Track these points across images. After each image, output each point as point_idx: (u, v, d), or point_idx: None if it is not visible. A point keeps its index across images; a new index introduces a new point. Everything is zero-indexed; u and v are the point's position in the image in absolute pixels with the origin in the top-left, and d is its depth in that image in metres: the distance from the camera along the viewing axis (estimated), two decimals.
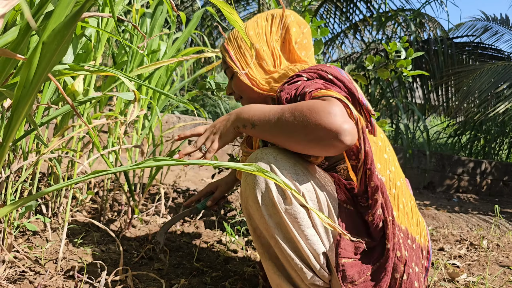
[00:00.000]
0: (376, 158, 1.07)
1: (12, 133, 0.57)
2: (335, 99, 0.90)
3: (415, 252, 1.05)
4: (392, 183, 1.09)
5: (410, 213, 1.12)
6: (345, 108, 0.90)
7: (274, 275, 1.01)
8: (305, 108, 0.89)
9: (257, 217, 0.97)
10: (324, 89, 0.95)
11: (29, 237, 1.53)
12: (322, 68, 1.02)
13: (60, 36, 0.51)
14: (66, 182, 0.59)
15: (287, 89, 1.00)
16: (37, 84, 0.54)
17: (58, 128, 1.66)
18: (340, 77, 0.99)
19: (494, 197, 5.28)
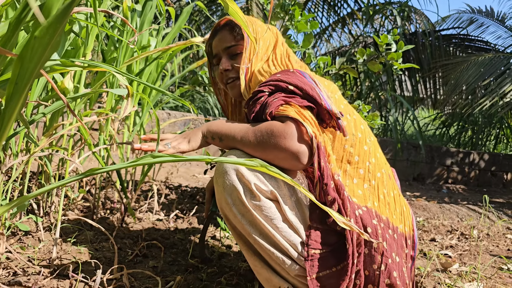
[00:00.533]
0: (355, 150, 1.11)
1: (5, 132, 0.55)
2: (291, 122, 0.97)
3: (396, 242, 1.07)
4: (372, 175, 1.12)
5: (393, 203, 1.14)
6: (300, 127, 0.97)
7: (262, 269, 1.03)
8: (264, 131, 0.99)
9: (232, 217, 1.01)
10: (284, 104, 1.01)
11: (21, 237, 1.51)
12: (282, 78, 1.04)
13: (52, 29, 0.50)
14: (61, 181, 0.57)
15: (251, 107, 1.06)
16: (29, 80, 0.53)
17: (48, 127, 1.63)
18: (301, 86, 1.02)
19: (482, 187, 5.36)
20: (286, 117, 0.99)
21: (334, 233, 1.01)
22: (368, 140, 1.15)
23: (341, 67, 1.82)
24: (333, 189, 1.00)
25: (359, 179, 1.10)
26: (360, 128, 1.15)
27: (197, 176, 3.47)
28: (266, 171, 0.66)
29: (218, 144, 1.10)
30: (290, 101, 1.01)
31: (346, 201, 0.99)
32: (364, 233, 0.76)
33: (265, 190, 0.98)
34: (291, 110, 0.99)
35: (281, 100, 1.01)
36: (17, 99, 0.53)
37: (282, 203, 0.99)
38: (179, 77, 1.95)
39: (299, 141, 0.96)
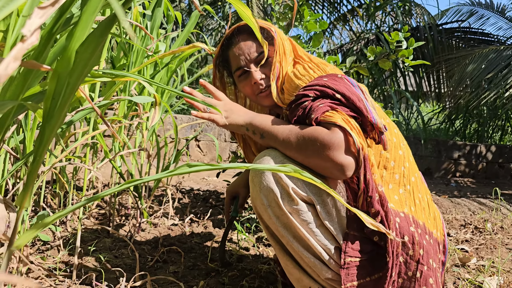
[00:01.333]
0: (391, 155, 1.08)
1: (45, 147, 0.55)
2: (338, 129, 0.92)
3: (432, 247, 1.05)
4: (407, 179, 1.10)
5: (427, 207, 1.12)
6: (348, 137, 0.92)
7: (294, 269, 1.03)
8: (308, 137, 0.94)
9: (266, 218, 1.00)
10: (330, 110, 0.96)
11: (39, 247, 1.51)
12: (330, 84, 0.98)
13: (94, 44, 0.50)
14: (102, 193, 0.57)
15: (293, 110, 1.01)
16: (70, 95, 0.53)
17: (61, 136, 1.64)
18: (349, 95, 0.96)
19: (491, 180, 5.34)
20: (333, 124, 0.93)
21: (370, 242, 0.99)
22: (402, 145, 1.13)
23: (351, 66, 1.82)
24: (378, 201, 0.97)
25: (394, 184, 1.07)
26: (394, 132, 1.12)
27: (207, 179, 3.47)
28: (299, 177, 0.65)
29: (258, 140, 1.05)
30: (336, 107, 0.96)
31: (389, 213, 0.97)
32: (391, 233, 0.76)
33: (303, 194, 0.96)
34: (338, 117, 0.94)
35: (327, 106, 0.96)
36: (58, 115, 0.53)
37: (320, 208, 0.97)
38: (189, 82, 1.95)
39: (345, 153, 0.91)
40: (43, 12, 0.43)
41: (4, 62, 0.39)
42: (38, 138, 0.55)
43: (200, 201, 2.50)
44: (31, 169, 0.54)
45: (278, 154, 1.00)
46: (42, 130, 0.55)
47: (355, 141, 0.91)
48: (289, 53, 1.14)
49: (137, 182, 0.55)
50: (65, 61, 0.53)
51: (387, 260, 0.95)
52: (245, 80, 1.16)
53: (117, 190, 0.55)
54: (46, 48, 0.62)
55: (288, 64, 1.12)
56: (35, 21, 0.41)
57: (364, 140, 0.96)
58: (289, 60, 1.13)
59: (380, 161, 1.06)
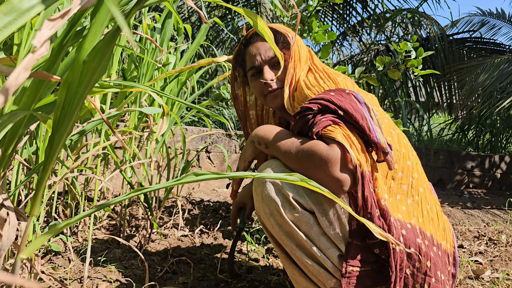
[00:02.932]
0: (399, 166, 1.07)
1: (54, 155, 0.56)
2: (336, 145, 0.93)
3: (441, 259, 1.03)
4: (415, 190, 1.09)
5: (436, 218, 1.11)
6: (345, 153, 0.92)
7: (300, 278, 1.03)
8: (307, 150, 0.95)
9: (270, 227, 1.01)
10: (333, 124, 0.96)
11: (51, 258, 1.52)
12: (335, 100, 0.98)
13: (101, 54, 0.51)
14: (109, 201, 0.58)
15: (297, 122, 1.03)
16: (78, 105, 0.54)
17: (73, 147, 1.66)
18: (352, 113, 0.96)
19: (505, 191, 5.25)
20: (333, 139, 0.94)
21: (374, 252, 0.99)
22: (411, 155, 1.12)
23: (361, 76, 1.82)
24: (379, 217, 0.96)
25: (402, 195, 1.06)
26: (403, 143, 1.11)
27: (217, 190, 3.48)
28: (306, 186, 0.65)
29: (265, 150, 1.08)
30: (339, 122, 0.96)
31: (392, 226, 0.96)
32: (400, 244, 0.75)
33: (304, 203, 0.96)
34: (338, 132, 0.94)
35: (329, 120, 0.97)
36: (67, 124, 0.54)
37: (320, 217, 0.97)
38: (200, 93, 1.97)
39: (341, 169, 0.92)
40: (53, 24, 0.44)
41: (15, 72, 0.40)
42: (47, 147, 0.56)
43: (210, 212, 2.50)
44: (41, 177, 0.55)
45: (279, 164, 1.01)
46: (51, 139, 0.56)
47: (352, 159, 0.91)
48: (305, 60, 1.14)
49: (144, 191, 0.55)
50: (74, 71, 0.55)
51: (390, 274, 0.95)
52: (256, 80, 1.19)
53: (124, 199, 0.56)
54: (57, 60, 0.63)
55: (302, 70, 1.13)
56: (45, 32, 0.43)
57: (365, 154, 0.96)
58: (304, 67, 1.14)
59: (388, 172, 1.05)
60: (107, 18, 0.55)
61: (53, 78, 0.58)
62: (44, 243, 0.57)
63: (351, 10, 6.79)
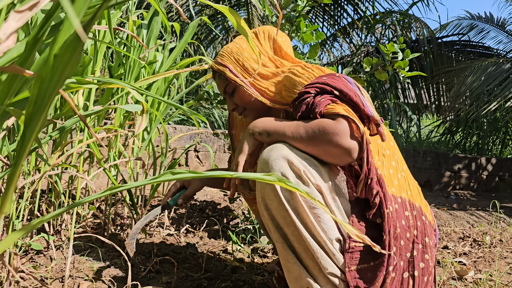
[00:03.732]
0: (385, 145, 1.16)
1: (25, 151, 0.55)
2: (342, 118, 1.01)
3: (428, 227, 1.13)
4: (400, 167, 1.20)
5: (419, 194, 1.22)
6: (351, 124, 1.00)
7: (294, 265, 1.03)
8: (316, 128, 1.02)
9: (275, 205, 1.01)
10: (332, 103, 1.05)
11: (32, 256, 1.50)
12: (329, 82, 1.07)
13: (72, 47, 0.50)
14: (82, 200, 0.57)
15: (297, 107, 1.10)
16: (50, 99, 0.53)
17: (57, 144, 1.64)
18: (346, 91, 1.05)
19: (491, 193, 5.31)
20: (336, 114, 1.02)
21: (374, 228, 1.04)
22: (396, 157, 1.21)
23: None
24: (376, 182, 1.04)
25: (393, 170, 1.15)
26: (390, 145, 1.20)
27: (204, 189, 3.46)
28: (284, 186, 0.65)
29: (266, 139, 1.12)
30: (336, 100, 1.05)
31: (387, 194, 1.04)
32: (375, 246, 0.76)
33: (312, 181, 1.00)
34: (340, 108, 1.02)
35: (328, 100, 1.05)
36: (38, 119, 0.53)
37: (327, 195, 1.01)
38: (186, 92, 1.95)
39: (351, 138, 0.99)
40: (20, 16, 0.43)
41: None
42: (19, 143, 0.55)
43: (196, 211, 2.49)
44: (12, 173, 0.54)
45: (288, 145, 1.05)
46: (23, 135, 0.55)
47: (358, 127, 0.99)
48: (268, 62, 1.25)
49: (120, 189, 0.54)
50: (46, 66, 0.53)
51: (384, 238, 1.00)
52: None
53: (99, 196, 0.55)
54: (31, 54, 0.62)
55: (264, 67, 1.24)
56: (11, 24, 0.42)
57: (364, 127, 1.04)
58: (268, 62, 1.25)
59: (378, 149, 1.13)
60: (82, 12, 0.53)
61: (25, 72, 0.56)
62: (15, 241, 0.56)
63: (342, 12, 6.81)
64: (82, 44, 0.51)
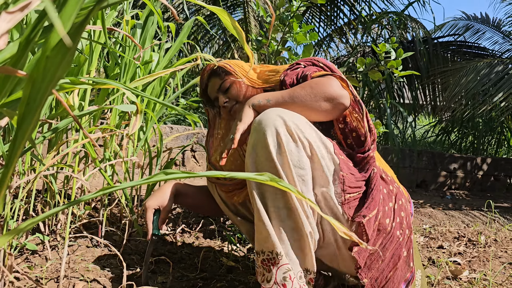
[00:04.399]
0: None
1: (18, 152, 0.55)
2: (331, 76, 1.18)
3: (403, 195, 1.29)
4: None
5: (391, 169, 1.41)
6: (338, 80, 1.16)
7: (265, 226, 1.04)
8: (313, 83, 1.16)
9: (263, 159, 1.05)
10: (319, 71, 1.23)
11: (28, 257, 1.50)
12: (315, 58, 1.33)
13: (64, 49, 0.50)
14: (77, 200, 0.57)
15: (290, 75, 1.26)
16: (42, 100, 0.53)
17: (53, 144, 1.64)
18: (329, 65, 1.28)
19: (486, 192, 5.34)
20: (324, 75, 1.18)
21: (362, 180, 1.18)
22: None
23: None
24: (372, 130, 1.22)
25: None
26: None
27: None
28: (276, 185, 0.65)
29: (266, 106, 1.19)
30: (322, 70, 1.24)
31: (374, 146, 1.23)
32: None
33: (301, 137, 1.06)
34: (326, 72, 1.20)
35: (316, 68, 1.25)
36: (30, 120, 0.53)
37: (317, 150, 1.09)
38: (182, 91, 1.95)
39: (341, 88, 1.15)
40: (11, 17, 0.44)
41: None
42: (11, 143, 0.55)
43: (192, 211, 2.49)
44: (3, 173, 0.54)
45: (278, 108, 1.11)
46: (15, 135, 0.55)
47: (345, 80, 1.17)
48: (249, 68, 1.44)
49: (115, 189, 0.55)
50: (39, 66, 0.54)
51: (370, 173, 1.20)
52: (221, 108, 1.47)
53: (94, 196, 0.55)
54: (24, 55, 0.62)
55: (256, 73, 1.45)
56: (2, 25, 0.42)
57: None
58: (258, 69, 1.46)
59: None
60: (74, 13, 0.54)
61: (18, 73, 0.57)
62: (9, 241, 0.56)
63: (338, 12, 6.82)
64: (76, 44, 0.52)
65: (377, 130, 1.87)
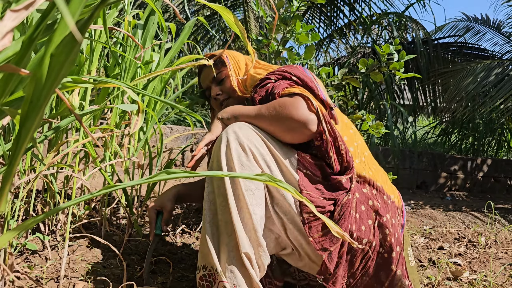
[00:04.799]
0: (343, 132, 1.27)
1: (21, 151, 0.55)
2: (298, 96, 1.11)
3: (390, 208, 1.20)
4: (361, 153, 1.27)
5: (384, 175, 1.30)
6: (306, 101, 1.09)
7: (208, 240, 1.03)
8: (277, 105, 1.10)
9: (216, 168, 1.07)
10: (289, 87, 1.15)
11: (27, 257, 1.49)
12: (287, 69, 1.21)
13: (69, 47, 0.50)
14: (77, 199, 0.57)
15: (259, 92, 1.21)
16: (46, 99, 0.53)
17: (53, 144, 1.63)
18: (303, 78, 1.18)
19: (486, 194, 5.34)
20: (293, 94, 1.12)
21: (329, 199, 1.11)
22: (353, 127, 1.33)
23: (343, 78, 1.83)
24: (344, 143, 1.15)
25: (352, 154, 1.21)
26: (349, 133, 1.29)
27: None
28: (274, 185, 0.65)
29: (234, 121, 1.18)
30: (293, 84, 1.16)
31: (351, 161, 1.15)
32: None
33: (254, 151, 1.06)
34: (296, 89, 1.13)
35: (286, 84, 1.17)
36: (33, 118, 0.53)
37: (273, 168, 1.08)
38: (182, 91, 1.95)
39: (308, 111, 1.08)
40: (16, 15, 0.43)
41: None
42: (14, 142, 0.55)
43: (192, 212, 2.48)
44: (6, 172, 0.54)
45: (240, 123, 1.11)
46: (18, 134, 0.55)
47: (313, 103, 1.08)
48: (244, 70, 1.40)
49: (115, 188, 0.54)
50: (42, 65, 0.54)
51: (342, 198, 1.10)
52: (210, 98, 1.47)
53: (94, 196, 0.55)
54: (27, 53, 0.62)
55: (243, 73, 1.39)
56: (7, 24, 0.42)
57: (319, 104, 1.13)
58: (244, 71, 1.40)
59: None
60: (77, 11, 0.53)
61: (21, 71, 0.56)
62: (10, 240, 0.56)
63: (338, 13, 6.82)
64: (79, 44, 0.52)
65: (378, 131, 1.87)
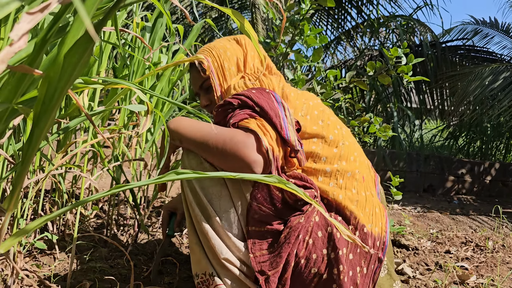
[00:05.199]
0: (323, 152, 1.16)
1: (34, 151, 0.56)
2: (250, 133, 1.03)
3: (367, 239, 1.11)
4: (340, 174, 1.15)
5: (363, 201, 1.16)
6: (259, 139, 1.02)
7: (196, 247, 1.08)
8: (227, 138, 1.03)
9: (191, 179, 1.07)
10: (249, 118, 1.07)
11: (36, 256, 1.51)
12: (253, 97, 1.09)
13: (82, 49, 0.51)
14: (85, 199, 0.58)
15: (218, 114, 1.13)
16: (59, 100, 0.54)
17: (62, 144, 1.65)
18: (267, 110, 1.06)
19: (494, 198, 5.30)
20: (248, 128, 1.04)
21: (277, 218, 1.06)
22: (341, 144, 1.18)
23: (351, 80, 1.83)
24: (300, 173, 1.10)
25: (325, 177, 1.14)
26: (334, 132, 1.19)
27: None
28: (284, 187, 0.65)
29: (180, 145, 1.14)
30: (255, 115, 1.07)
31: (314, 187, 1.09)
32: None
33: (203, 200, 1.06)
34: (253, 123, 1.04)
35: (246, 114, 1.07)
36: (46, 118, 0.54)
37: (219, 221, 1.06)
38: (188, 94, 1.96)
39: (256, 152, 1.01)
40: (32, 17, 0.44)
41: None
42: (27, 142, 0.56)
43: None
44: (19, 172, 0.55)
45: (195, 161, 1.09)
46: (31, 134, 0.55)
47: (264, 143, 1.01)
48: (233, 72, 1.26)
49: (123, 188, 0.55)
50: (55, 66, 0.54)
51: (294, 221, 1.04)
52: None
53: (102, 196, 0.55)
54: (39, 54, 0.63)
55: (233, 82, 1.24)
56: (23, 26, 0.42)
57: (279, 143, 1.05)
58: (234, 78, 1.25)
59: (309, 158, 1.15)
60: (90, 13, 0.54)
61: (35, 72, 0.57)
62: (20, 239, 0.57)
63: (345, 15, 6.81)
64: (93, 44, 0.52)
65: (385, 134, 1.87)
